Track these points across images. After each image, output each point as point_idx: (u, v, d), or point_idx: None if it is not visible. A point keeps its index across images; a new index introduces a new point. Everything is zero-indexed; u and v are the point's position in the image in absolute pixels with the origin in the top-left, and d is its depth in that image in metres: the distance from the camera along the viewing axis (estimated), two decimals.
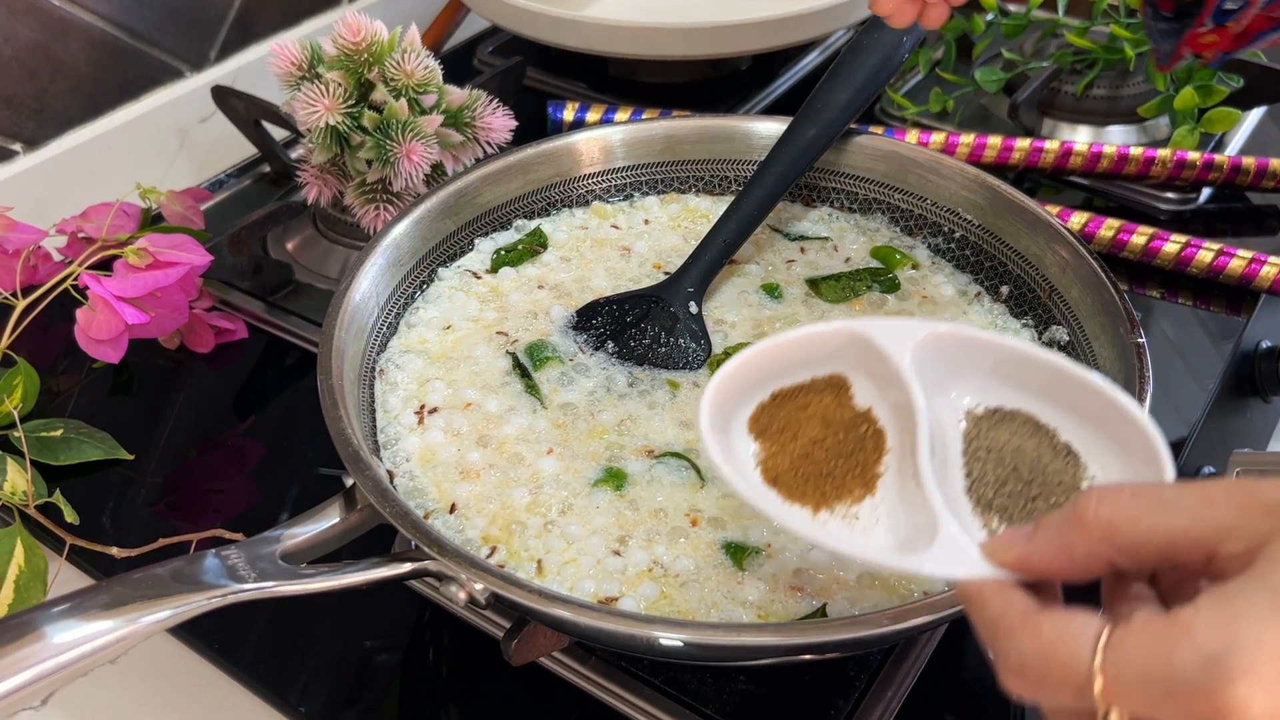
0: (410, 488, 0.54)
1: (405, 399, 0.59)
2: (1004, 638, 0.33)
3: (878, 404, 0.42)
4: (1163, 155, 0.86)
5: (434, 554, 0.45)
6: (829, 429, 0.42)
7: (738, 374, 0.43)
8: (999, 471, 0.39)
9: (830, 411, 0.43)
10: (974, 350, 0.42)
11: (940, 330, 0.42)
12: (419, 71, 0.73)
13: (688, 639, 0.44)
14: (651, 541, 0.51)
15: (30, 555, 0.60)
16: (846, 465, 0.41)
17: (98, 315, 0.68)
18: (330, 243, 0.84)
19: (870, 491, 0.41)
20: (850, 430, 0.42)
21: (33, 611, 0.40)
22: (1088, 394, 0.39)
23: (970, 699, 0.57)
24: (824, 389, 0.43)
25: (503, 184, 0.68)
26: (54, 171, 0.90)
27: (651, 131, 0.71)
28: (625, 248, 0.68)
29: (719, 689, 0.55)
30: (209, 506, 0.68)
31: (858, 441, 0.42)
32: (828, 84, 0.66)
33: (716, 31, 0.93)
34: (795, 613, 0.49)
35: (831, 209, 0.70)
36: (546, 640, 0.51)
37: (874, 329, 0.42)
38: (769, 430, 0.43)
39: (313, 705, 0.57)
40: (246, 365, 0.78)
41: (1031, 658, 0.32)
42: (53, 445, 0.68)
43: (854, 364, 0.43)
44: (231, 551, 0.45)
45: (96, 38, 0.90)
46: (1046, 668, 0.32)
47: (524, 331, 0.62)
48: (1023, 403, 0.41)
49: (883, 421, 0.42)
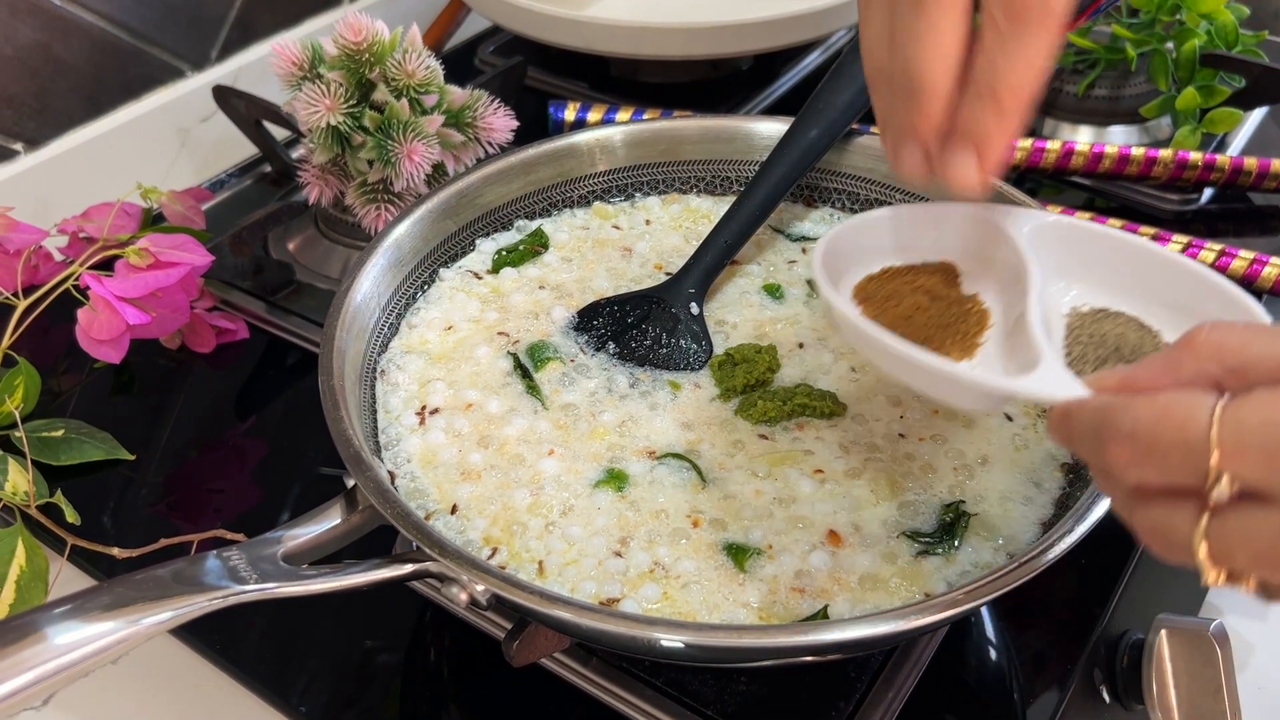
0: (411, 489, 0.54)
1: (406, 399, 0.59)
2: (1114, 412, 0.33)
3: (985, 292, 0.43)
4: (1164, 156, 0.86)
5: (435, 555, 0.45)
6: (934, 302, 0.43)
7: (854, 232, 0.45)
8: (1100, 352, 0.40)
9: (937, 288, 0.44)
10: (1089, 244, 0.43)
11: (1060, 220, 0.43)
12: (420, 71, 0.73)
13: (689, 640, 0.44)
14: (653, 543, 0.51)
15: (31, 555, 0.60)
16: (946, 333, 0.42)
17: (99, 315, 0.68)
18: (331, 243, 0.84)
19: (969, 355, 0.41)
20: (954, 306, 0.43)
21: (34, 613, 0.40)
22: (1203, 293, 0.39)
23: (971, 701, 0.57)
24: (934, 271, 0.44)
25: (504, 184, 0.68)
26: (55, 171, 0.90)
27: (653, 132, 0.71)
28: (626, 248, 0.68)
29: (720, 690, 0.55)
30: (210, 507, 0.68)
31: (960, 316, 0.43)
32: (830, 84, 0.66)
33: (718, 31, 0.93)
34: (796, 614, 0.48)
35: (833, 209, 0.70)
36: (548, 641, 0.51)
37: (997, 208, 0.43)
38: (874, 297, 0.44)
39: (313, 706, 0.57)
40: (247, 365, 0.78)
41: (1145, 420, 0.32)
42: (54, 445, 0.68)
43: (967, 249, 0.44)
44: (233, 553, 0.45)
45: (97, 37, 0.90)
46: (1159, 428, 0.32)
47: (525, 332, 0.62)
48: (1129, 305, 0.41)
49: (988, 305, 0.43)
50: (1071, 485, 0.53)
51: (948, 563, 0.50)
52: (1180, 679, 0.55)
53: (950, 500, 0.53)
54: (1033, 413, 0.57)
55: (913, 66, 0.41)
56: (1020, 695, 0.57)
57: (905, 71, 0.41)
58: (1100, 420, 0.34)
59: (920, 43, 0.40)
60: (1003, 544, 0.51)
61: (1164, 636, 0.55)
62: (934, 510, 0.52)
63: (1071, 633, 0.59)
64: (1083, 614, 0.60)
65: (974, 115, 0.40)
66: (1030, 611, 0.60)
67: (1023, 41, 0.39)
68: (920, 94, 0.41)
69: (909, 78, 0.41)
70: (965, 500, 0.53)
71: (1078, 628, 0.59)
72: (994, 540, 0.51)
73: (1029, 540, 0.51)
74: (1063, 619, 0.60)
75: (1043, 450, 0.55)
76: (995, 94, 0.40)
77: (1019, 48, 0.39)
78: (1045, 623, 0.60)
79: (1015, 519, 0.52)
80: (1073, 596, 0.61)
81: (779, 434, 0.56)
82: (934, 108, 0.41)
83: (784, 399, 0.57)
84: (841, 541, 0.51)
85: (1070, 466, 0.54)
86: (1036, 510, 0.52)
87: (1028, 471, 0.54)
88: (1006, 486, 0.53)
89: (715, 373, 0.60)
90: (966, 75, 0.40)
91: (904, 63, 0.41)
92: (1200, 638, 0.54)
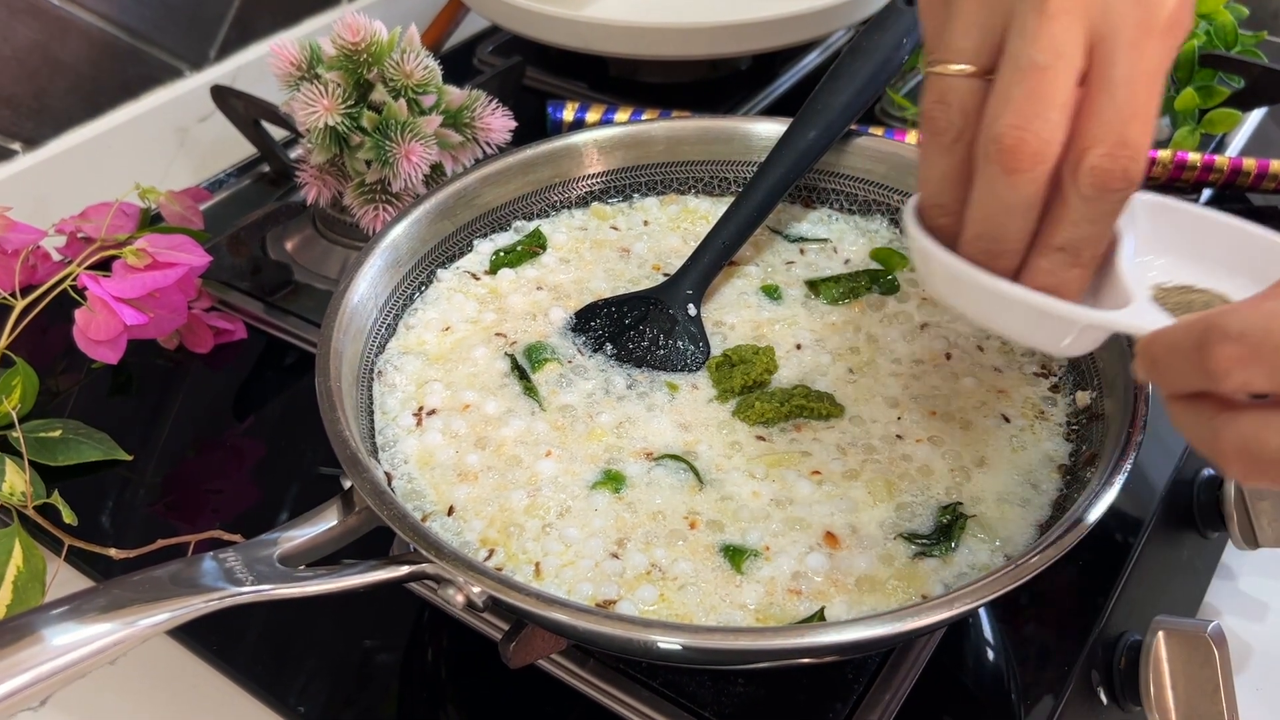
0: (408, 490, 0.54)
1: (403, 400, 0.59)
2: (1222, 317, 0.34)
3: None
4: (1163, 156, 0.86)
5: (432, 557, 0.45)
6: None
7: None
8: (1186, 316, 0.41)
9: None
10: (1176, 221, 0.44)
11: (1147, 198, 0.44)
12: (418, 72, 0.73)
13: (685, 642, 0.43)
14: (650, 544, 0.51)
15: (29, 556, 0.60)
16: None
17: (96, 316, 0.68)
18: (329, 243, 0.84)
19: None
20: None
21: (31, 614, 0.40)
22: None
23: (968, 702, 0.57)
24: None
25: (502, 185, 0.68)
26: (53, 171, 0.90)
27: (651, 132, 0.71)
28: (624, 249, 0.68)
29: (717, 691, 0.55)
30: (207, 507, 0.68)
31: None
32: (828, 85, 0.66)
33: (716, 31, 0.93)
34: (793, 616, 0.48)
35: (831, 210, 0.70)
36: (544, 643, 0.51)
37: None
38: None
39: (311, 706, 0.57)
40: (245, 366, 0.78)
41: (1255, 321, 0.34)
42: (51, 446, 0.68)
43: None
44: (229, 554, 0.45)
45: (96, 37, 0.90)
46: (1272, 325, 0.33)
47: (523, 333, 0.62)
48: (1215, 282, 0.43)
49: None
50: (1069, 487, 0.53)
51: (945, 564, 0.50)
52: (1178, 680, 0.55)
53: (947, 502, 0.53)
54: (1030, 414, 0.57)
55: (999, 230, 0.43)
56: (1018, 697, 0.57)
57: (988, 233, 0.43)
58: (1205, 328, 0.35)
59: (1011, 215, 0.42)
60: (1000, 546, 0.51)
61: (1161, 638, 0.55)
62: (931, 512, 0.52)
63: (1069, 634, 0.59)
64: (1080, 615, 0.60)
65: (1053, 268, 0.43)
66: (1027, 613, 0.60)
67: (1105, 208, 0.41)
68: (1001, 256, 0.44)
69: (993, 239, 0.43)
70: (962, 502, 0.53)
71: (1075, 629, 0.59)
72: (991, 542, 0.51)
73: (1026, 542, 0.51)
74: (1060, 620, 0.60)
75: (1040, 452, 0.55)
76: (1078, 253, 0.43)
77: (1101, 215, 0.42)
78: (1043, 624, 0.60)
79: (1012, 521, 0.52)
80: (1070, 598, 0.60)
81: (776, 435, 0.56)
82: (1009, 265, 0.44)
83: (782, 400, 0.57)
84: (839, 543, 0.51)
85: (1067, 469, 0.54)
86: (1034, 512, 0.52)
87: (1025, 473, 0.54)
88: (1004, 488, 0.53)
89: (713, 374, 0.60)
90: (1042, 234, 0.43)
91: (984, 224, 0.43)
92: (1198, 639, 0.54)
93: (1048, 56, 0.40)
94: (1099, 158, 0.40)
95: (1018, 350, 0.61)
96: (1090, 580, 0.61)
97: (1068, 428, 0.56)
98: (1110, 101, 0.40)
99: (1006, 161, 0.41)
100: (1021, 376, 0.59)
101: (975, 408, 0.57)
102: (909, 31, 0.65)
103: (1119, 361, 0.54)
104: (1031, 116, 0.40)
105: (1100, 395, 0.55)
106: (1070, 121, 0.40)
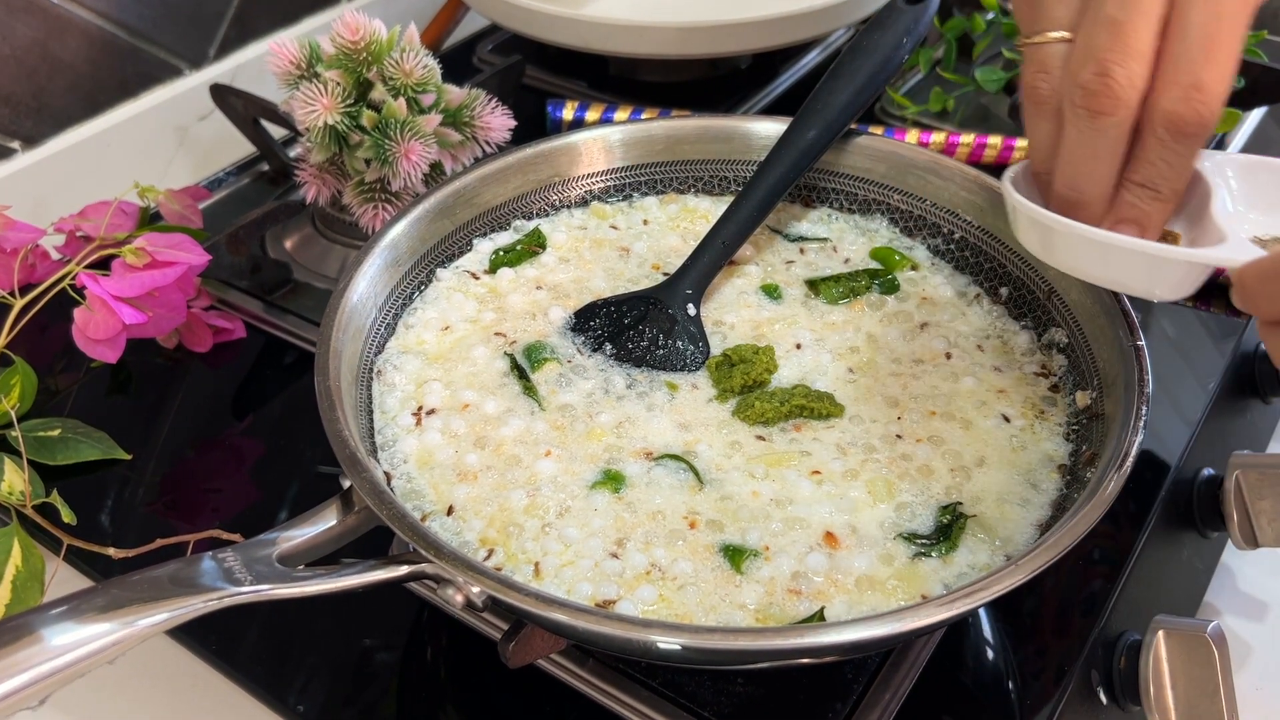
0: (408, 489, 0.54)
1: (403, 400, 0.58)
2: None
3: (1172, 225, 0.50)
4: None
5: (431, 556, 0.45)
6: None
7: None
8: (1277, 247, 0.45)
9: None
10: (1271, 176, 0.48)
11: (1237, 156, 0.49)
12: (418, 70, 0.73)
13: (685, 643, 0.43)
14: (649, 544, 0.51)
15: (28, 555, 0.60)
16: None
17: (95, 315, 0.68)
18: (329, 242, 0.83)
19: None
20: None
21: (30, 614, 0.40)
22: None
23: (968, 702, 0.57)
24: None
25: (501, 184, 0.68)
26: (52, 170, 0.90)
27: (651, 131, 0.71)
28: (624, 248, 0.68)
29: (717, 691, 0.55)
30: (207, 506, 0.68)
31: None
32: (828, 84, 0.66)
33: (716, 30, 0.93)
34: (793, 616, 0.48)
35: (831, 210, 0.70)
36: (544, 643, 0.51)
37: None
38: None
39: (310, 706, 0.57)
40: (244, 365, 0.78)
41: None
42: (50, 445, 0.67)
43: None
44: (228, 554, 0.45)
45: (95, 35, 0.90)
46: None
47: (522, 332, 0.62)
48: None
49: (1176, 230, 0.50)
50: (1069, 487, 0.53)
51: (945, 564, 0.50)
52: (1177, 680, 0.55)
53: (947, 502, 0.53)
54: (1030, 414, 0.57)
55: (1086, 177, 0.47)
56: (1017, 696, 0.57)
57: (1076, 180, 0.47)
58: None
59: (1098, 160, 0.46)
60: (1000, 546, 0.51)
61: (1161, 638, 0.55)
62: (931, 512, 0.52)
63: (1068, 634, 0.59)
64: (1080, 615, 0.60)
65: (1137, 204, 0.47)
66: (1027, 613, 0.60)
67: (1182, 149, 0.45)
68: (1083, 205, 0.48)
69: (1077, 190, 0.47)
70: (962, 502, 0.53)
71: (1075, 629, 0.59)
72: (991, 542, 0.51)
73: (1026, 542, 0.51)
74: (1060, 620, 0.60)
75: (1040, 452, 0.55)
76: (1158, 190, 0.46)
77: (1178, 156, 0.45)
78: (1042, 624, 0.60)
79: (1012, 521, 0.52)
80: (1070, 598, 0.60)
81: (776, 435, 0.56)
82: (1095, 212, 0.48)
83: (781, 400, 0.56)
84: (838, 543, 0.51)
85: (1067, 469, 0.54)
86: (1034, 512, 0.52)
87: (1025, 473, 0.54)
88: (1003, 488, 0.53)
89: (713, 373, 0.59)
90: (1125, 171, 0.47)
91: (1072, 170, 0.47)
92: (1197, 639, 0.54)
93: (1126, 9, 0.42)
94: (1173, 101, 0.42)
95: (1017, 350, 0.61)
96: (1090, 580, 0.61)
97: (1068, 428, 0.56)
98: (1185, 47, 0.42)
99: (1091, 104, 0.43)
100: (1021, 376, 0.59)
101: (975, 408, 0.57)
102: (909, 30, 0.65)
103: (1119, 361, 0.54)
104: (1112, 65, 0.43)
105: (1100, 395, 0.55)
106: (1150, 69, 0.43)
